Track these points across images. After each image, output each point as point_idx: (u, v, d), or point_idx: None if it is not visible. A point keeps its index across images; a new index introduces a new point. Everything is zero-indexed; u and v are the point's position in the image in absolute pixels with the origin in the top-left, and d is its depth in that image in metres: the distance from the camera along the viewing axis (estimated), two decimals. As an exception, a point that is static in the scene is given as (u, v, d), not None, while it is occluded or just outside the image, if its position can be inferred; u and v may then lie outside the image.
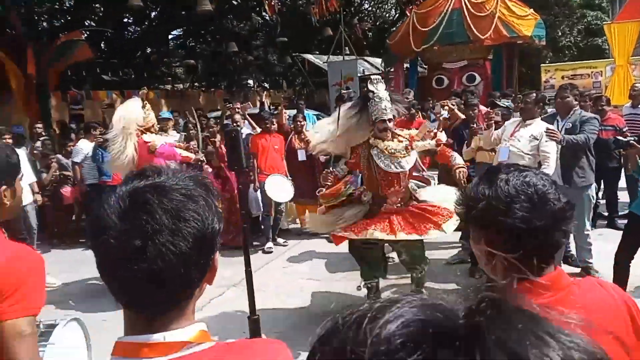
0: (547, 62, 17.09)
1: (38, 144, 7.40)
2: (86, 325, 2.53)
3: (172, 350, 0.82)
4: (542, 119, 4.74)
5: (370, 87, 3.91)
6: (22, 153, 6.52)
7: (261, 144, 6.42)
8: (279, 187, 6.17)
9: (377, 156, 3.89)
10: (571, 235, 4.92)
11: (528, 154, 4.42)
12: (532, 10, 9.97)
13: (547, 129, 4.39)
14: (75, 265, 5.72)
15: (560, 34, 20.35)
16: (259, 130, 6.74)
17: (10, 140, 6.05)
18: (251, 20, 18.10)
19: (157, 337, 0.82)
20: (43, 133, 8.05)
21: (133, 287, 0.81)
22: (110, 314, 3.87)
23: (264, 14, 18.92)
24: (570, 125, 4.76)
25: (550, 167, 4.34)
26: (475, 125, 5.00)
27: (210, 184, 0.92)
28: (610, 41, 10.96)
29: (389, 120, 3.85)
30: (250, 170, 6.21)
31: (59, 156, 7.27)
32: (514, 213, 1.06)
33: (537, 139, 4.40)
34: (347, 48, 14.85)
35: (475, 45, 9.93)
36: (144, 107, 4.97)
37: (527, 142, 4.44)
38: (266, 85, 20.10)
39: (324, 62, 14.69)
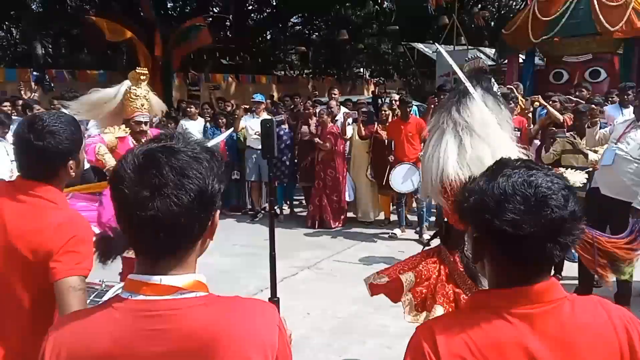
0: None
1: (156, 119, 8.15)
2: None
3: (166, 292, 0.93)
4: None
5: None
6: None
7: (395, 131, 6.49)
8: (404, 177, 6.13)
9: None
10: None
11: (637, 160, 3.93)
12: (675, -1, 8.70)
13: None
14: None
15: None
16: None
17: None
18: (366, 8, 18.02)
19: (155, 279, 0.93)
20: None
21: (141, 232, 0.93)
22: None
23: (380, 1, 18.78)
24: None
25: (664, 176, 3.81)
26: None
27: (217, 151, 1.02)
28: None
29: None
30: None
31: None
32: (503, 214, 0.96)
33: (651, 144, 3.88)
34: (463, 38, 14.23)
35: (603, 38, 8.94)
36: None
37: (637, 145, 3.94)
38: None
39: (433, 52, 14.23)
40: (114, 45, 12.41)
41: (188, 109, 7.79)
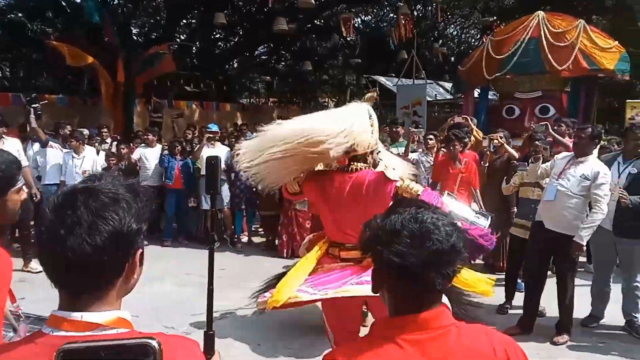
0: (642, 97, 15.76)
1: (105, 145, 8.08)
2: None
3: (86, 328, 0.94)
4: (601, 159, 4.42)
5: None
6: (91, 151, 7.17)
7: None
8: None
9: None
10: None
11: (577, 195, 4.13)
12: (617, 42, 9.31)
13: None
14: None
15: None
16: None
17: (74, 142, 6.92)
18: (331, 41, 18.47)
19: (76, 315, 0.95)
20: (107, 137, 8.69)
21: (58, 269, 0.95)
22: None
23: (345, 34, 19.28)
24: (636, 170, 4.32)
25: (601, 210, 4.02)
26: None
27: (142, 191, 1.04)
28: None
29: None
30: None
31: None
32: (392, 246, 1.07)
33: (589, 179, 4.09)
34: (424, 72, 14.77)
35: (552, 76, 9.44)
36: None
37: (577, 181, 4.14)
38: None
39: (393, 85, 14.68)
40: (77, 70, 12.25)
41: (146, 136, 7.74)
